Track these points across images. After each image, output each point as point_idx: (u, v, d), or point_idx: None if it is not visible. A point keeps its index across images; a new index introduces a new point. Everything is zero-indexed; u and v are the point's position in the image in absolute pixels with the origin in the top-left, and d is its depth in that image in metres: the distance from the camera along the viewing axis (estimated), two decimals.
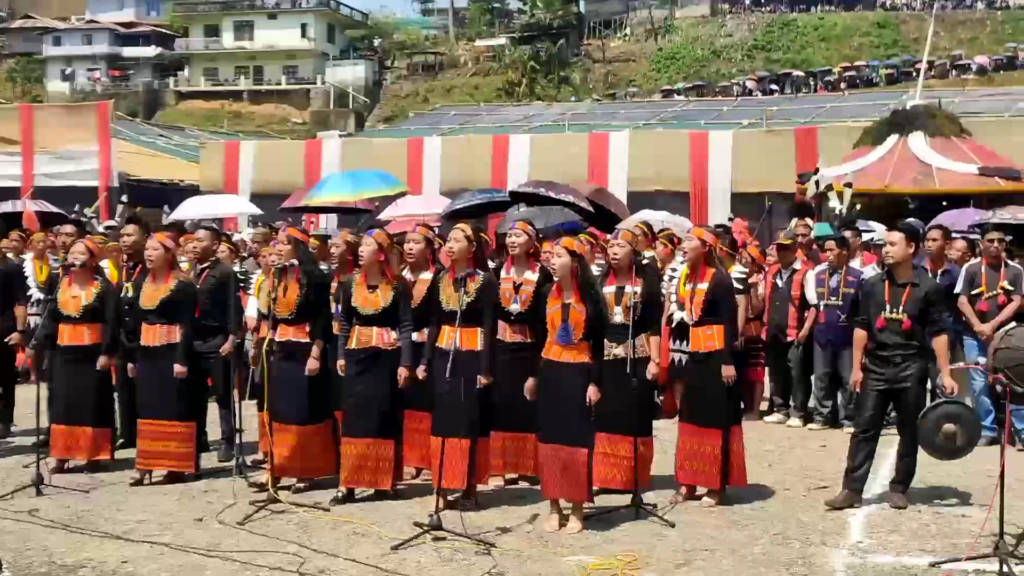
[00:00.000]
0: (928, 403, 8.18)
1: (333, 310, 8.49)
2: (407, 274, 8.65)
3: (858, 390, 8.10)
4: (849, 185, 20.36)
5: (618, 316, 7.89)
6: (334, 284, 8.76)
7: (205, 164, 38.16)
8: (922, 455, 7.93)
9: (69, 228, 12.08)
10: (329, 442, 8.41)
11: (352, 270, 8.65)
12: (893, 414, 8.27)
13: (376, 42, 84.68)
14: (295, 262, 8.28)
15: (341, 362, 8.06)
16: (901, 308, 7.76)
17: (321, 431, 8.39)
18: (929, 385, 10.72)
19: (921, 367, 7.86)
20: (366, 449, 7.96)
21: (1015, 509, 7.36)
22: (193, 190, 36.98)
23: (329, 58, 79.29)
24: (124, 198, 28.81)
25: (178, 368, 8.61)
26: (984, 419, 10.23)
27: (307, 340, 8.28)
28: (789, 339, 11.20)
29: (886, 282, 7.93)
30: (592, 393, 7.28)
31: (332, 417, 8.41)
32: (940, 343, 7.86)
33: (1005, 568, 6.28)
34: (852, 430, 8.37)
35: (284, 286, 8.24)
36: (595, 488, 7.69)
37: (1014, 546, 6.62)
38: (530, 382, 7.53)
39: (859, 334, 8.08)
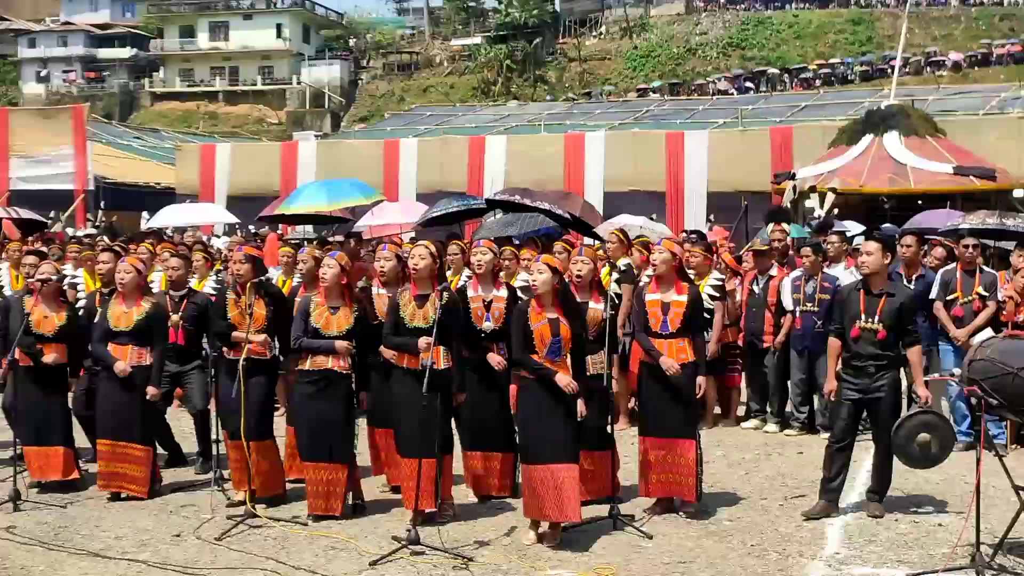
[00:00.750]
0: (904, 411, 8.22)
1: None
2: (381, 290, 8.63)
3: (832, 399, 8.13)
4: (834, 190, 20.46)
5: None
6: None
7: (181, 167, 38.09)
8: (898, 463, 7.96)
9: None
10: (276, 460, 8.42)
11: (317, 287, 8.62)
12: (868, 422, 8.29)
13: (351, 42, 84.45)
14: (260, 278, 8.24)
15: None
16: (877, 318, 7.78)
17: (268, 449, 8.34)
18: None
19: (895, 376, 7.89)
20: (318, 474, 7.90)
21: (991, 517, 7.41)
22: (169, 193, 36.90)
23: (304, 58, 79.02)
24: (103, 204, 28.64)
25: (152, 391, 8.52)
26: (960, 424, 10.32)
27: (267, 357, 8.26)
28: (766, 345, 11.21)
29: (861, 291, 7.94)
30: (582, 408, 7.29)
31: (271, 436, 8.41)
32: (914, 353, 7.89)
33: None
34: (827, 438, 8.38)
35: (249, 304, 8.20)
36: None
37: (991, 556, 6.66)
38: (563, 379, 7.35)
39: (833, 343, 8.10)
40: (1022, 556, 6.88)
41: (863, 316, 7.83)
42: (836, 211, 20.52)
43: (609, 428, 8.16)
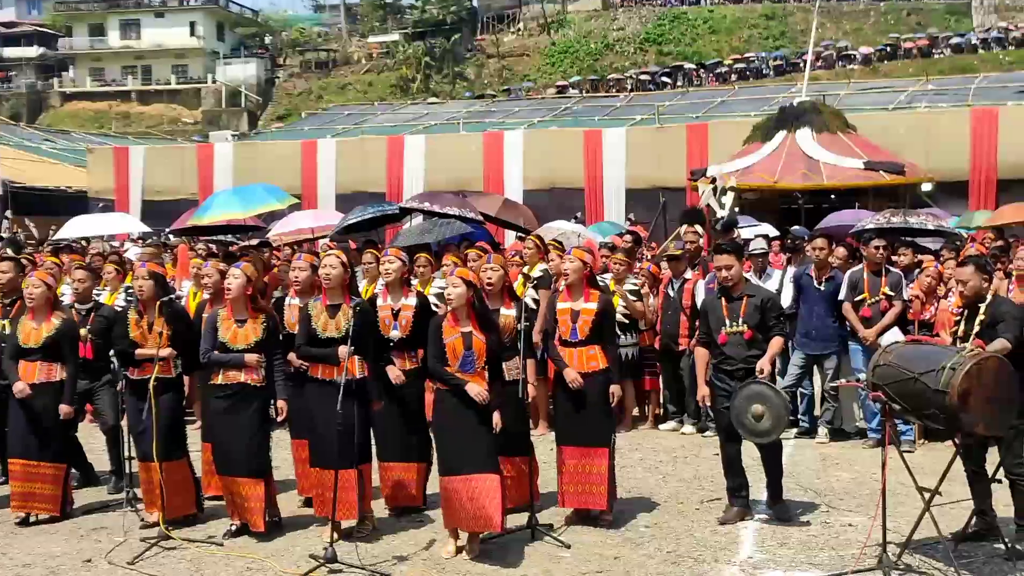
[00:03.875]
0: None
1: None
2: (296, 301, 8.59)
3: (705, 404, 8.30)
4: (734, 188, 20.66)
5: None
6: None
7: (93, 170, 37.40)
8: (804, 462, 8.12)
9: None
10: (188, 479, 8.29)
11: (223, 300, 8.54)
12: None
13: (267, 39, 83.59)
14: (165, 298, 8.13)
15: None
16: (741, 319, 7.94)
17: (178, 468, 8.18)
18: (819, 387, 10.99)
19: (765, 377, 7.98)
20: (237, 488, 7.82)
21: (899, 515, 7.59)
22: (81, 196, 36.20)
23: (219, 56, 77.97)
24: (8, 213, 28.03)
25: (65, 409, 8.38)
26: (871, 422, 10.54)
27: (172, 376, 8.13)
28: (681, 348, 11.33)
29: (722, 299, 8.12)
30: (496, 419, 7.31)
31: (184, 455, 8.29)
32: (776, 342, 7.95)
33: None
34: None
35: (149, 322, 8.08)
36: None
37: (897, 556, 6.81)
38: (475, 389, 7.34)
39: (700, 352, 8.24)
40: (928, 555, 7.05)
41: (727, 321, 7.98)
42: (737, 210, 20.74)
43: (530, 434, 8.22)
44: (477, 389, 7.26)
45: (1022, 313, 7.30)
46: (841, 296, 10.75)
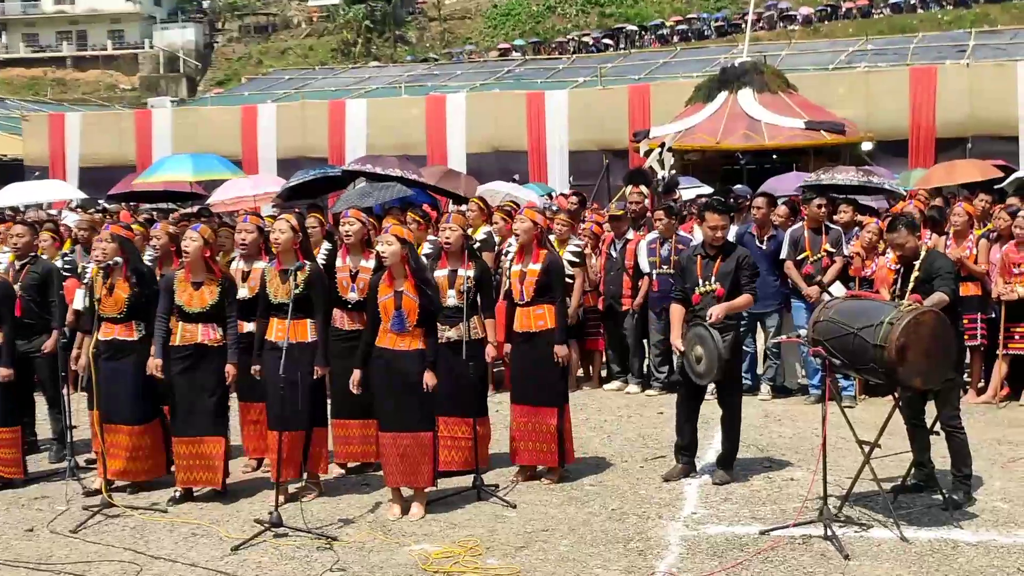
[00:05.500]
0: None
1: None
2: (241, 264, 8.52)
3: (677, 353, 8.35)
4: (671, 149, 20.67)
5: (452, 299, 7.95)
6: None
7: (28, 138, 36.77)
8: (747, 419, 8.17)
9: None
10: (159, 441, 8.21)
11: (176, 263, 8.46)
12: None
13: (205, 3, 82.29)
14: (119, 260, 8.02)
15: (157, 361, 7.82)
16: (713, 278, 7.98)
17: (150, 430, 8.15)
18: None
19: (735, 337, 8.03)
20: (197, 448, 7.81)
21: (840, 468, 7.69)
22: (16, 166, 35.56)
23: (156, 21, 76.72)
24: None
25: (3, 372, 8.30)
26: (812, 378, 10.68)
27: (134, 338, 8.03)
28: (624, 308, 11.39)
29: (699, 257, 8.15)
30: (428, 378, 7.31)
31: (161, 415, 8.21)
32: (743, 297, 7.97)
33: (829, 532, 6.55)
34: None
35: (110, 284, 7.99)
36: (438, 471, 7.72)
37: (838, 508, 6.92)
38: (356, 375, 7.49)
39: (675, 308, 8.25)
40: (868, 507, 7.17)
41: (700, 280, 8.01)
42: (674, 171, 20.81)
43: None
44: (357, 378, 7.42)
45: (955, 267, 7.41)
46: (783, 255, 10.83)
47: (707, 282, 7.97)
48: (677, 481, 8.02)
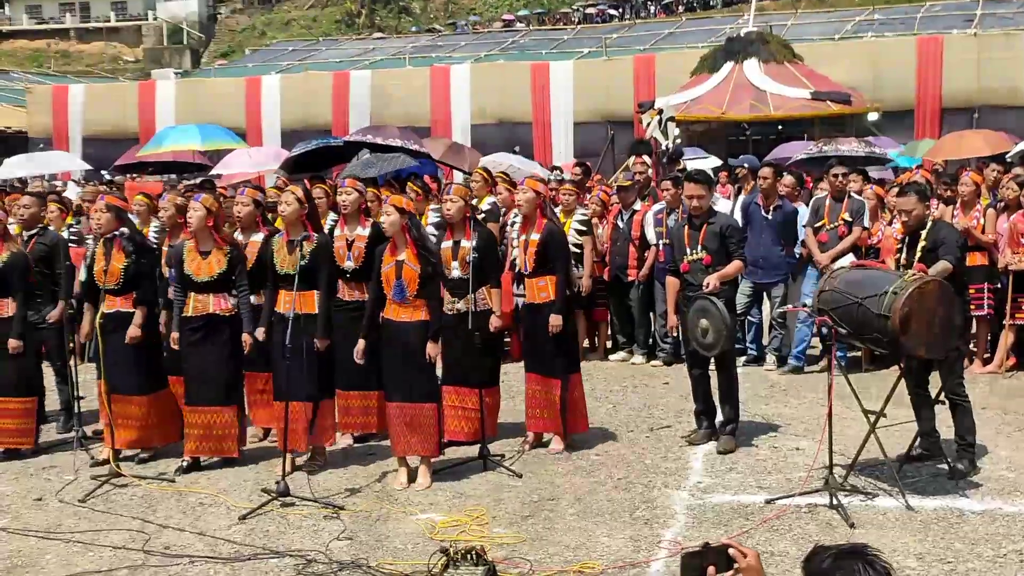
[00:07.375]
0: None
1: (168, 275, 8.33)
2: (238, 236, 8.54)
3: (674, 334, 8.41)
4: (672, 119, 20.51)
5: (456, 271, 7.93)
6: (165, 248, 8.58)
7: (32, 110, 36.73)
8: (753, 388, 8.19)
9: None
10: (168, 410, 8.26)
11: (186, 233, 8.47)
12: None
13: None
14: (118, 231, 8.02)
15: (175, 334, 7.89)
16: (700, 246, 8.05)
17: (160, 399, 8.22)
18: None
19: (727, 303, 8.01)
20: (210, 417, 7.87)
21: (845, 438, 7.70)
22: (21, 138, 35.52)
23: None
24: None
25: (13, 343, 8.34)
26: (797, 348, 10.72)
27: (134, 310, 8.07)
28: (630, 279, 11.38)
29: (686, 227, 8.23)
30: (431, 349, 7.32)
31: (167, 384, 8.28)
32: (733, 264, 8.06)
33: (835, 501, 6.57)
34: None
35: (108, 255, 8.00)
36: (444, 441, 7.75)
37: (843, 478, 6.93)
38: (360, 344, 7.51)
39: (671, 281, 8.37)
40: (873, 476, 7.18)
41: (688, 249, 8.11)
42: (679, 140, 20.73)
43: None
44: (362, 347, 7.45)
45: (962, 238, 7.40)
46: (804, 222, 10.81)
47: (694, 251, 8.07)
48: (702, 445, 8.13)
